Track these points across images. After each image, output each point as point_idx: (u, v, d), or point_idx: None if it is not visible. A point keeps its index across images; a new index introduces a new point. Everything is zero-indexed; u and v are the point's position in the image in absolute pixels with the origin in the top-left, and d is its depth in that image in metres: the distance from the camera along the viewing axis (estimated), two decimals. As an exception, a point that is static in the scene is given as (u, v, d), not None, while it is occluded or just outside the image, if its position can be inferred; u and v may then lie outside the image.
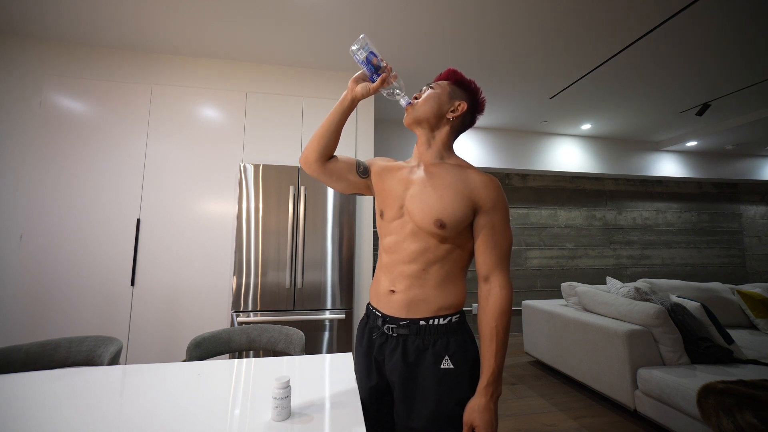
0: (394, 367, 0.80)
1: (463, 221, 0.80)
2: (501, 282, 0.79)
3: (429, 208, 0.81)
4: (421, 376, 0.76)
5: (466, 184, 0.82)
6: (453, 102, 0.90)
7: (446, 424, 0.73)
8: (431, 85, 0.92)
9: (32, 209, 2.10)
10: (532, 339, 2.94)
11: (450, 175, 0.85)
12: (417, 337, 0.79)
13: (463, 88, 0.92)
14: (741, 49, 2.33)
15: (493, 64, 2.56)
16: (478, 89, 0.93)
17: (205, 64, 2.51)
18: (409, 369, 0.78)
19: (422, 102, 0.89)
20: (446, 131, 0.91)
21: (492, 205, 0.81)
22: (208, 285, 2.27)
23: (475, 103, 0.92)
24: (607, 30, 2.14)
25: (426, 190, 0.83)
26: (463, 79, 0.92)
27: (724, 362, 1.98)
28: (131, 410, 0.80)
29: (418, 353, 0.78)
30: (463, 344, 0.79)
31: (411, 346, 0.79)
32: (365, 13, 2.03)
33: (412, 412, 0.76)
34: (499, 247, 0.80)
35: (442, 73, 0.94)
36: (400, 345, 0.80)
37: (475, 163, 3.87)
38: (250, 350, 1.54)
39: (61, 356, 1.19)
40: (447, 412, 0.73)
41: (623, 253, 4.55)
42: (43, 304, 2.06)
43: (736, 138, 4.03)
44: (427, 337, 0.78)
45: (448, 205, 0.80)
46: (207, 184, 2.34)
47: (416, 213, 0.82)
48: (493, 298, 0.78)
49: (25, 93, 2.24)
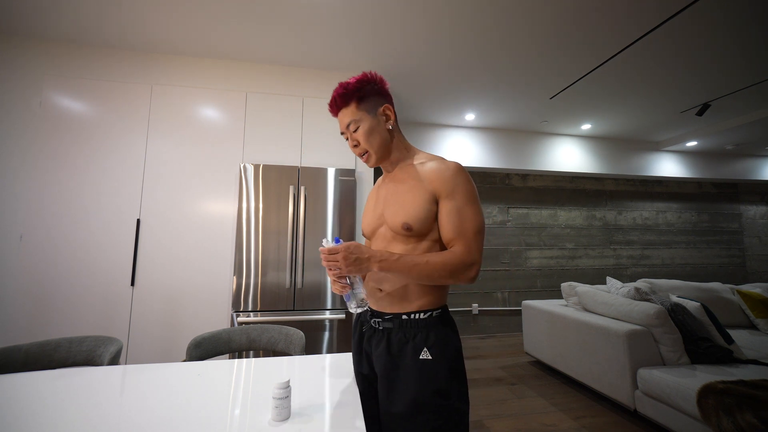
0: (379, 357, 0.85)
1: (428, 217, 0.83)
2: (463, 249, 0.79)
3: (395, 215, 0.87)
4: (402, 367, 0.81)
5: (424, 179, 0.85)
6: (378, 116, 0.90)
7: (424, 411, 0.77)
8: (348, 125, 0.90)
9: (32, 209, 2.10)
10: (532, 339, 2.94)
11: (410, 176, 0.89)
12: (400, 330, 0.84)
13: (366, 94, 0.89)
14: (741, 49, 2.33)
15: (493, 64, 2.56)
16: (370, 79, 0.90)
17: (205, 64, 2.51)
18: (392, 359, 0.83)
19: (368, 145, 0.90)
20: (397, 138, 0.94)
21: (449, 190, 0.82)
22: (208, 285, 2.27)
23: (384, 90, 0.92)
24: (607, 30, 2.14)
25: (392, 197, 0.90)
26: (358, 88, 0.88)
27: (724, 362, 1.98)
28: (131, 410, 0.80)
29: (401, 345, 0.83)
30: (443, 338, 0.82)
31: (394, 339, 0.84)
32: (365, 14, 2.03)
33: (393, 398, 0.80)
34: (463, 223, 0.80)
35: (338, 103, 0.90)
36: (385, 337, 0.85)
37: (475, 163, 3.87)
38: (250, 350, 1.54)
39: (61, 356, 1.19)
40: (424, 400, 0.77)
41: (623, 253, 4.55)
42: (43, 304, 2.06)
43: (736, 138, 4.03)
44: (408, 331, 0.83)
45: (410, 208, 0.84)
46: (207, 184, 2.34)
47: (388, 219, 0.89)
48: (447, 252, 0.80)
49: (25, 93, 2.24)
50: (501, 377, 2.74)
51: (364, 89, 0.89)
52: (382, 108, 0.91)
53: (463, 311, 3.95)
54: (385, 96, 0.93)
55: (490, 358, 3.19)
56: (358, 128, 0.89)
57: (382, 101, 0.92)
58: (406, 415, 0.78)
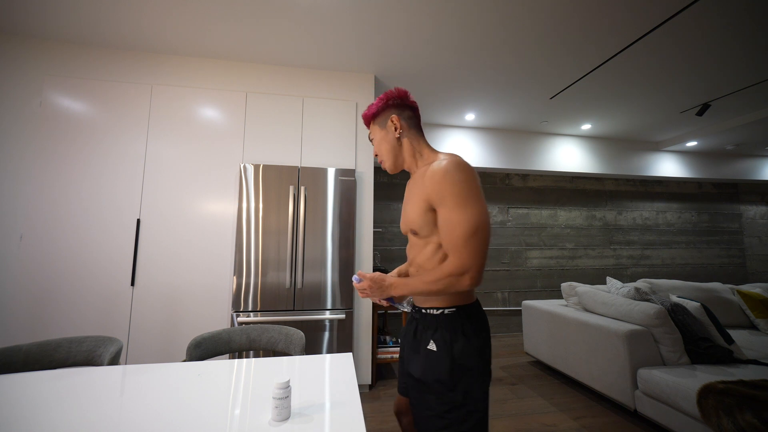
0: (406, 336, 1.06)
1: (428, 222, 0.92)
2: (453, 260, 0.87)
3: (404, 222, 1.03)
4: (419, 350, 0.96)
5: (423, 185, 0.92)
6: (388, 127, 1.03)
7: (428, 392, 0.90)
8: (371, 139, 1.09)
9: (32, 209, 2.10)
10: (532, 339, 2.94)
11: (416, 184, 0.97)
12: (422, 320, 0.98)
13: (380, 111, 1.04)
14: (741, 49, 2.33)
15: (493, 64, 2.56)
16: (386, 97, 1.03)
17: (205, 64, 2.51)
18: (416, 341, 0.98)
19: (381, 158, 1.06)
20: (406, 145, 1.02)
21: (439, 197, 0.87)
22: (208, 285, 2.27)
23: (397, 102, 1.03)
24: (608, 30, 2.14)
25: (406, 204, 1.02)
26: (372, 111, 1.04)
27: (724, 362, 1.98)
28: (131, 410, 0.80)
29: (421, 332, 0.97)
30: (452, 334, 0.91)
31: (419, 327, 0.98)
32: (366, 14, 2.03)
33: (411, 366, 0.97)
34: (452, 232, 0.86)
35: (364, 123, 1.10)
36: (414, 324, 1.02)
37: (475, 163, 3.86)
38: (251, 350, 1.54)
39: (61, 356, 1.19)
40: (428, 384, 0.90)
41: (623, 253, 4.55)
42: (43, 304, 2.06)
43: (736, 138, 4.03)
44: (425, 322, 0.97)
45: (412, 214, 0.96)
46: (207, 184, 2.34)
47: (402, 225, 1.05)
48: (438, 268, 0.90)
49: (25, 93, 2.24)
50: (501, 377, 2.74)
51: (379, 107, 1.03)
52: (389, 118, 1.02)
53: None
54: (398, 107, 1.02)
55: (490, 358, 3.19)
56: (373, 140, 1.07)
57: (391, 113, 1.02)
58: (414, 386, 0.94)
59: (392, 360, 2.65)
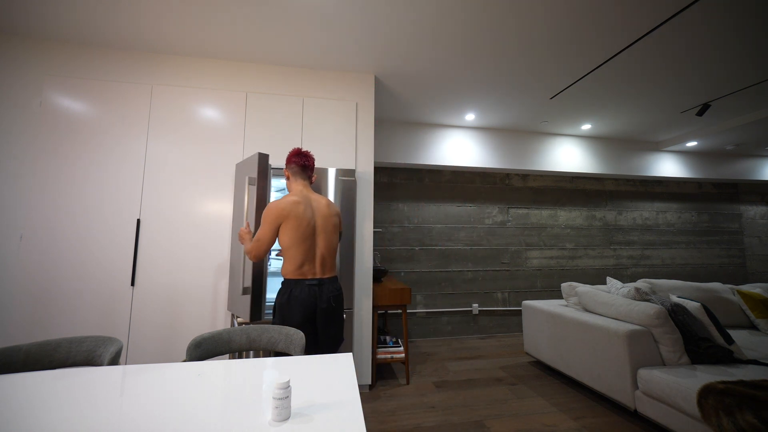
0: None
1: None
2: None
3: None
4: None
5: None
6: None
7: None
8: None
9: (32, 209, 2.10)
10: (532, 339, 2.94)
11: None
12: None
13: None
14: (741, 49, 2.33)
15: (493, 64, 2.56)
16: (290, 157, 1.79)
17: (205, 64, 2.51)
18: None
19: None
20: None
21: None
22: (208, 285, 2.27)
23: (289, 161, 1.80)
24: (608, 30, 2.14)
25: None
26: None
27: (724, 362, 1.98)
28: (131, 410, 0.80)
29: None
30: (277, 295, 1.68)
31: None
32: (366, 14, 2.02)
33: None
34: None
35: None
36: None
37: (475, 163, 3.90)
38: (251, 350, 1.54)
39: (61, 356, 1.19)
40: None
41: (623, 254, 4.55)
42: (43, 304, 2.06)
43: (736, 138, 4.03)
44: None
45: None
46: (207, 184, 2.34)
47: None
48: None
49: (25, 93, 2.24)
50: (501, 377, 2.74)
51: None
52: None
53: (463, 311, 3.96)
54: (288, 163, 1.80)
55: (490, 358, 3.19)
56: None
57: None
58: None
59: (392, 360, 2.65)
